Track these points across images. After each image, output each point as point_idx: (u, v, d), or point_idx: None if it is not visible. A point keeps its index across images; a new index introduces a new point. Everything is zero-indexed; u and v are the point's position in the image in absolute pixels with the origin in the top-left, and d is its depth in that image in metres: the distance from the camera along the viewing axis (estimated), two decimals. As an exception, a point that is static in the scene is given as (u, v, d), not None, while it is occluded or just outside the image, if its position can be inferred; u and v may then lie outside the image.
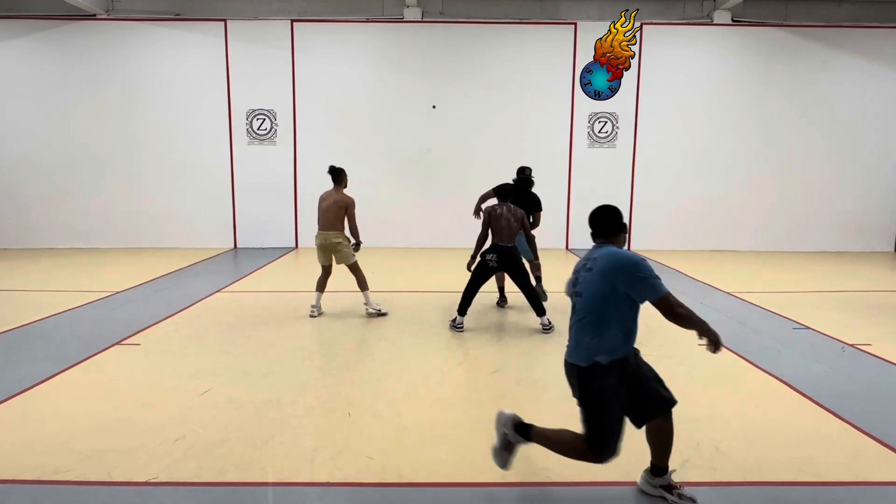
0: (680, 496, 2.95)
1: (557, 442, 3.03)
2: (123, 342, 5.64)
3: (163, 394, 4.37)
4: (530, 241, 6.43)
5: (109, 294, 7.64)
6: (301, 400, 4.29)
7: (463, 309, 6.20)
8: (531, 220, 6.87)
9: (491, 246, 6.16)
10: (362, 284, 6.82)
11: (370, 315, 6.72)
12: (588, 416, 2.86)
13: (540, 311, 6.15)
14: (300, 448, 3.54)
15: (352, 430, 3.79)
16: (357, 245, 6.86)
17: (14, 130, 11.71)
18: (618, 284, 2.78)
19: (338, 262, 6.83)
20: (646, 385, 2.94)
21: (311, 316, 6.61)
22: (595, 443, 2.82)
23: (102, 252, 11.45)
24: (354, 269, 6.82)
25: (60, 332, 5.99)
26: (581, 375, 2.90)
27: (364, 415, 4.03)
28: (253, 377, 4.77)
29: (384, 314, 6.74)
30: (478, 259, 6.21)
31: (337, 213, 6.68)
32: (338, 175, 6.86)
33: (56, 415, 3.99)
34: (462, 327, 6.18)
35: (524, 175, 7.50)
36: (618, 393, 2.84)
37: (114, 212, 11.98)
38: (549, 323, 6.13)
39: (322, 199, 6.85)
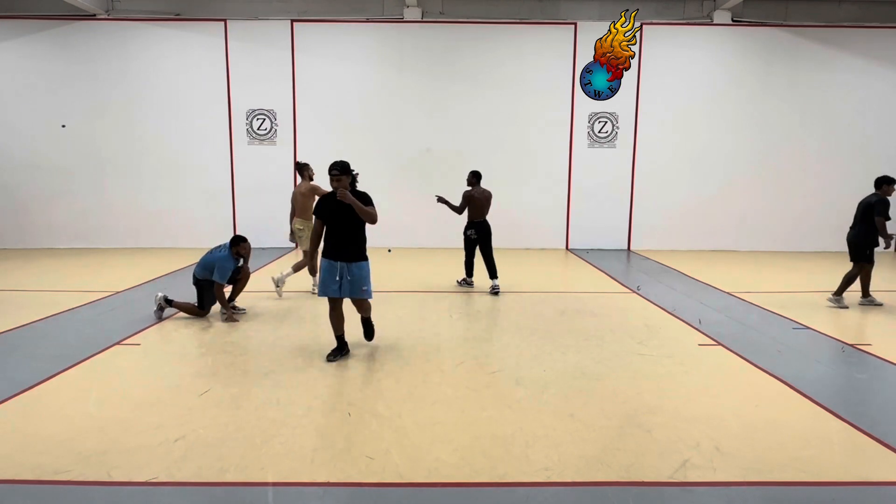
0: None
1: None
2: (123, 342, 5.64)
3: (163, 394, 4.37)
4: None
5: (109, 294, 7.63)
6: (301, 400, 4.29)
7: (469, 272, 8.30)
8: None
9: (470, 223, 8.08)
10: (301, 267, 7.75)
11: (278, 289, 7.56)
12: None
13: (494, 275, 7.95)
14: (300, 448, 3.54)
15: (352, 430, 3.79)
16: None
17: (14, 130, 11.71)
18: None
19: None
20: None
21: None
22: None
23: (102, 252, 11.45)
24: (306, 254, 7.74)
25: (60, 332, 5.99)
26: None
27: (364, 415, 4.03)
28: (253, 377, 4.77)
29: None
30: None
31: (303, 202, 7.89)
32: (303, 170, 8.13)
33: (56, 415, 3.99)
34: (471, 284, 8.26)
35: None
36: None
37: (114, 212, 11.98)
38: (498, 287, 7.90)
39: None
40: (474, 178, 8.23)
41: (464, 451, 3.52)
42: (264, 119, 11.90)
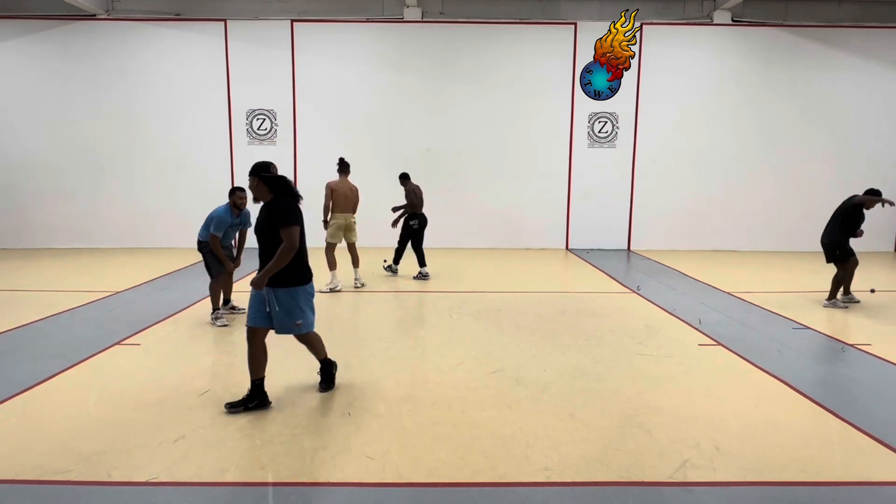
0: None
1: None
2: (123, 342, 5.64)
3: (163, 394, 4.37)
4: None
5: (109, 294, 7.64)
6: (301, 400, 4.29)
7: (397, 259, 9.19)
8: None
9: (413, 214, 8.89)
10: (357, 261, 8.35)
11: (358, 287, 8.08)
12: None
13: (423, 264, 8.93)
14: (300, 448, 3.54)
15: (352, 430, 3.79)
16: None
17: (14, 130, 11.71)
18: None
19: (351, 240, 8.29)
20: None
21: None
22: None
23: (102, 252, 11.45)
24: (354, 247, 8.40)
25: (60, 332, 5.99)
26: None
27: (364, 415, 4.03)
28: (253, 377, 4.76)
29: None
30: (400, 223, 8.97)
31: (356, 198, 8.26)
32: (348, 166, 8.27)
33: (56, 415, 3.99)
34: (395, 272, 9.17)
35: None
36: None
37: (114, 212, 11.98)
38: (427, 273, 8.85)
39: (339, 188, 8.05)
40: (406, 177, 9.09)
41: (464, 451, 3.52)
42: (264, 119, 11.90)
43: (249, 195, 4.42)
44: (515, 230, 12.23)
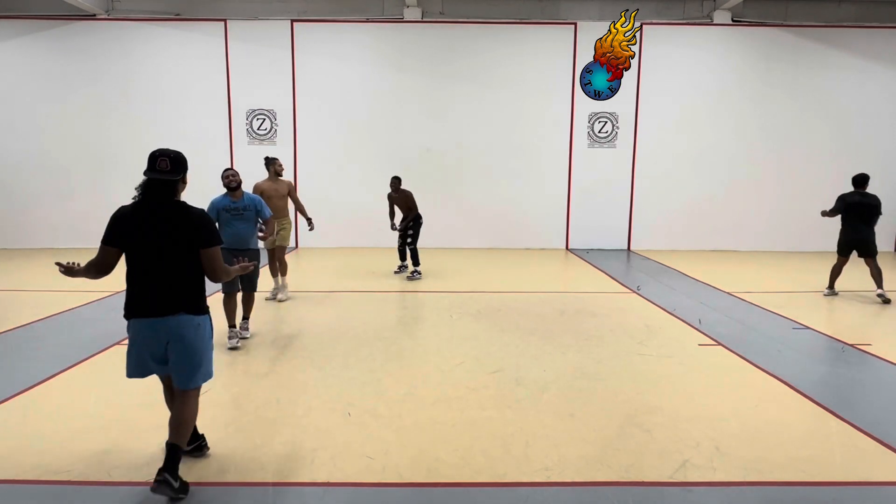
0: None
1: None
2: (123, 342, 5.63)
3: (163, 394, 4.35)
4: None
5: (109, 294, 7.63)
6: (301, 400, 4.29)
7: (416, 260, 8.99)
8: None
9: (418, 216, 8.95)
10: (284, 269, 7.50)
11: (280, 301, 7.33)
12: None
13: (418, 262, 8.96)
14: (300, 448, 3.54)
15: (352, 430, 3.79)
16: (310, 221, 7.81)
17: (14, 130, 11.71)
18: None
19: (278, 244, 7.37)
20: None
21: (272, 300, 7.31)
22: None
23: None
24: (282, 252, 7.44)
25: (60, 332, 5.99)
26: None
27: (364, 415, 4.03)
28: (253, 377, 4.77)
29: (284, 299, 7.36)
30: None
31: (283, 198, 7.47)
32: (269, 163, 7.53)
33: (56, 415, 3.99)
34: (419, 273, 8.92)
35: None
36: None
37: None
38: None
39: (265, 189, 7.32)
40: (398, 180, 9.02)
41: (464, 451, 3.52)
42: (264, 119, 11.90)
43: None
44: (515, 230, 12.23)
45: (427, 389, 4.51)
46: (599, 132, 12.09)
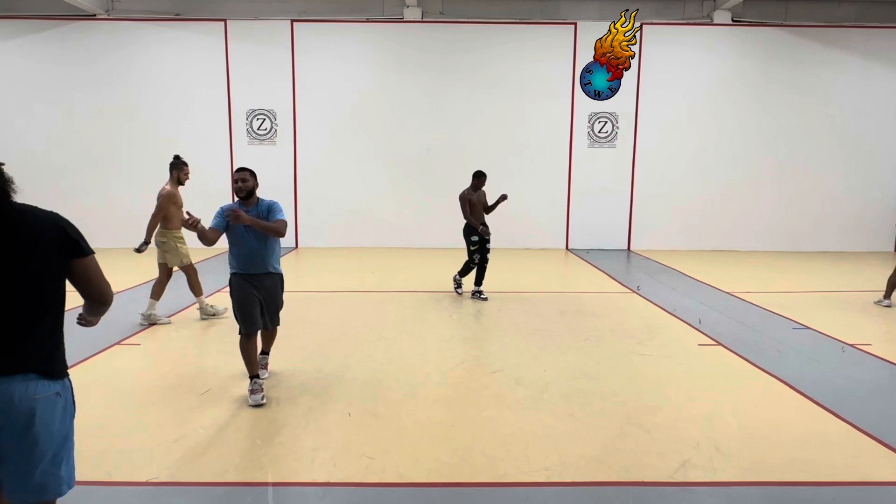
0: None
1: None
2: (123, 342, 5.64)
3: (163, 394, 4.36)
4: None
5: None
6: (301, 400, 4.28)
7: (479, 277, 7.66)
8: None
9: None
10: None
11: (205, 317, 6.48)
12: None
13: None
14: (300, 448, 3.54)
15: (352, 430, 3.79)
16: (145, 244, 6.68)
17: (14, 130, 11.70)
18: None
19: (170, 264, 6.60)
20: None
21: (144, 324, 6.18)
22: None
23: (102, 252, 11.38)
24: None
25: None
26: None
27: (364, 415, 4.03)
28: (253, 377, 4.76)
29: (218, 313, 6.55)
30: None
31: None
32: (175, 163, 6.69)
33: (56, 415, 3.98)
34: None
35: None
36: None
37: (114, 212, 11.96)
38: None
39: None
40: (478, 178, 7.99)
41: (464, 451, 3.52)
42: (264, 119, 11.90)
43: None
44: (515, 230, 12.21)
45: (427, 389, 4.51)
46: (599, 132, 12.09)
